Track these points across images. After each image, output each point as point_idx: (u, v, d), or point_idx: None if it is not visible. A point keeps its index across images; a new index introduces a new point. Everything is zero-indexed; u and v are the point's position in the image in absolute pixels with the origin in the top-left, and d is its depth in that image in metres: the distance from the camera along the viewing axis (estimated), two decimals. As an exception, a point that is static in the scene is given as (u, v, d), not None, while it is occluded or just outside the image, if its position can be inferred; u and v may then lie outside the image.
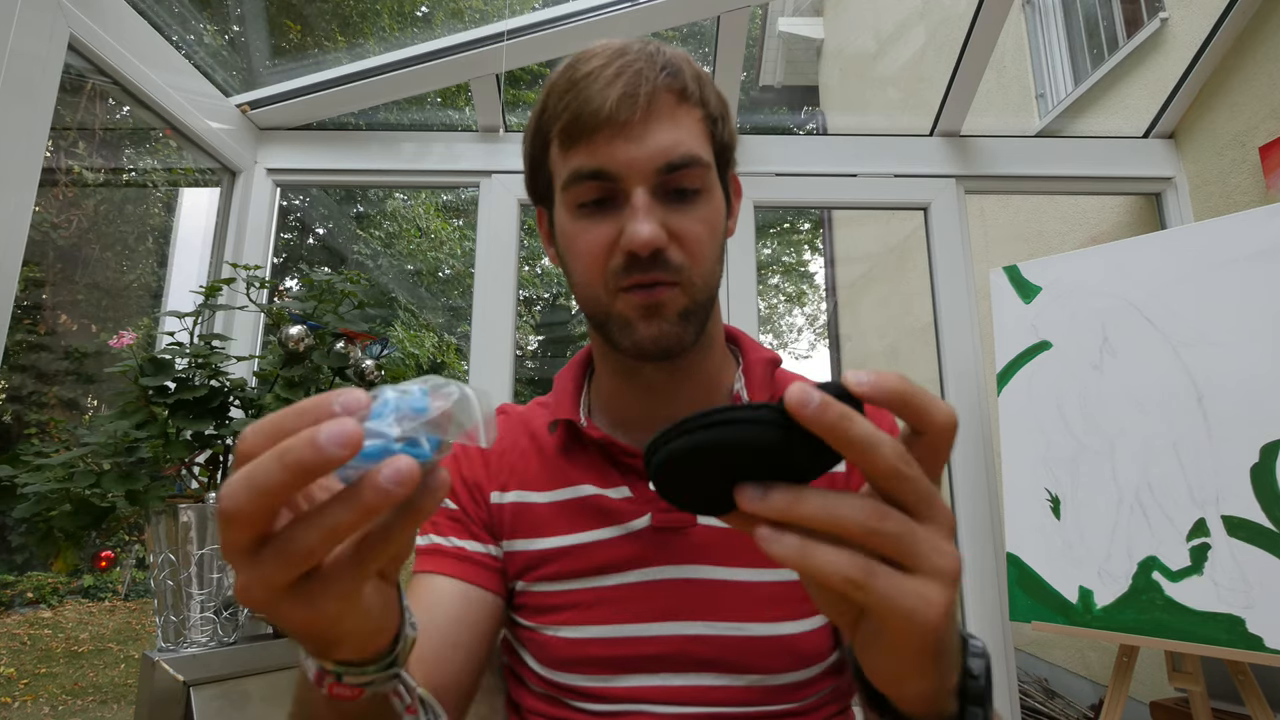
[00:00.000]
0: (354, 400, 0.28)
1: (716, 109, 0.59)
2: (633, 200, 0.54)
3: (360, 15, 4.51)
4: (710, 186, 0.58)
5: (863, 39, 5.81)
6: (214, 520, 1.00)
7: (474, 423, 0.32)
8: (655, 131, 0.54)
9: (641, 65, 0.55)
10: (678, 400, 0.63)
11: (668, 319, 0.56)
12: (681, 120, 0.56)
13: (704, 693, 0.57)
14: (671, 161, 0.54)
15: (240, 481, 0.27)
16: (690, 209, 0.56)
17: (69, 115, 2.49)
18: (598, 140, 0.54)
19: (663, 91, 0.55)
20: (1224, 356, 1.45)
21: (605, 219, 0.56)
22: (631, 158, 0.54)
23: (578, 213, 0.57)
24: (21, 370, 3.29)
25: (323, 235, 5.69)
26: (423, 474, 0.30)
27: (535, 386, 6.37)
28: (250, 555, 0.28)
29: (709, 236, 0.57)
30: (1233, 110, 2.03)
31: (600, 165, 0.54)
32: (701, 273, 0.57)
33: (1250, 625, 1.29)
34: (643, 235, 0.53)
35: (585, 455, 0.65)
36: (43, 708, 3.16)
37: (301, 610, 0.30)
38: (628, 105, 0.53)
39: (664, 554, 0.60)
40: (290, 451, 0.26)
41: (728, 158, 0.61)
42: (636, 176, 0.54)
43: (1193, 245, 1.56)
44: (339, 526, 0.28)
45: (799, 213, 7.99)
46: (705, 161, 0.57)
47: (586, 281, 0.58)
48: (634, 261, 0.54)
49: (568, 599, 0.60)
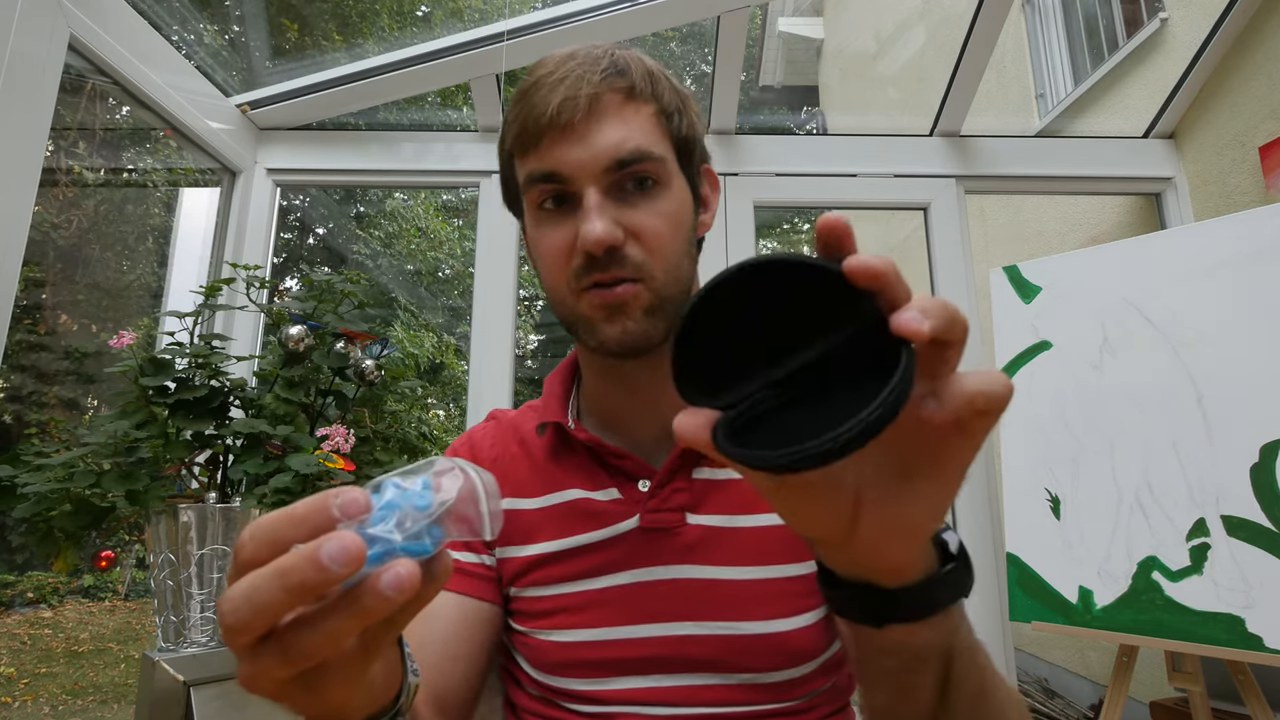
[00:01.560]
0: (353, 503, 0.28)
1: (671, 104, 0.59)
2: (585, 200, 0.55)
3: (360, 15, 4.51)
4: (667, 180, 0.58)
5: (863, 39, 5.81)
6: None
7: (479, 515, 0.31)
8: (600, 131, 0.55)
9: (584, 70, 0.56)
10: (663, 399, 0.63)
11: (632, 317, 0.56)
12: (629, 117, 0.56)
13: (697, 693, 0.57)
14: (620, 158, 0.55)
15: (241, 597, 0.27)
16: (647, 204, 0.56)
17: (69, 115, 2.49)
18: (544, 144, 0.55)
19: (606, 92, 0.56)
20: (1224, 356, 1.45)
21: (563, 222, 0.57)
22: (578, 159, 0.55)
23: (538, 216, 0.59)
24: (21, 370, 3.29)
25: (323, 235, 5.69)
26: (424, 569, 0.29)
27: (535, 386, 6.37)
28: (252, 651, 0.29)
29: (670, 230, 0.57)
30: (1233, 110, 2.03)
31: (549, 168, 0.56)
32: (665, 268, 0.57)
33: (1250, 625, 1.29)
34: (594, 234, 0.53)
35: (573, 458, 0.65)
36: (43, 707, 3.16)
37: (307, 697, 0.31)
38: (569, 108, 0.54)
39: (653, 555, 0.60)
40: (292, 573, 0.26)
41: (690, 151, 0.61)
42: (586, 177, 0.55)
43: (1193, 245, 1.56)
44: (340, 631, 0.28)
45: (799, 212, 7.99)
46: (658, 156, 0.57)
47: (552, 285, 0.59)
48: (592, 261, 0.55)
49: (558, 603, 0.60)
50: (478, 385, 1.85)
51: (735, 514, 0.60)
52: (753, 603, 0.58)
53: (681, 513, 0.60)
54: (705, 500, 0.61)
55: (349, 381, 1.27)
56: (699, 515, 0.60)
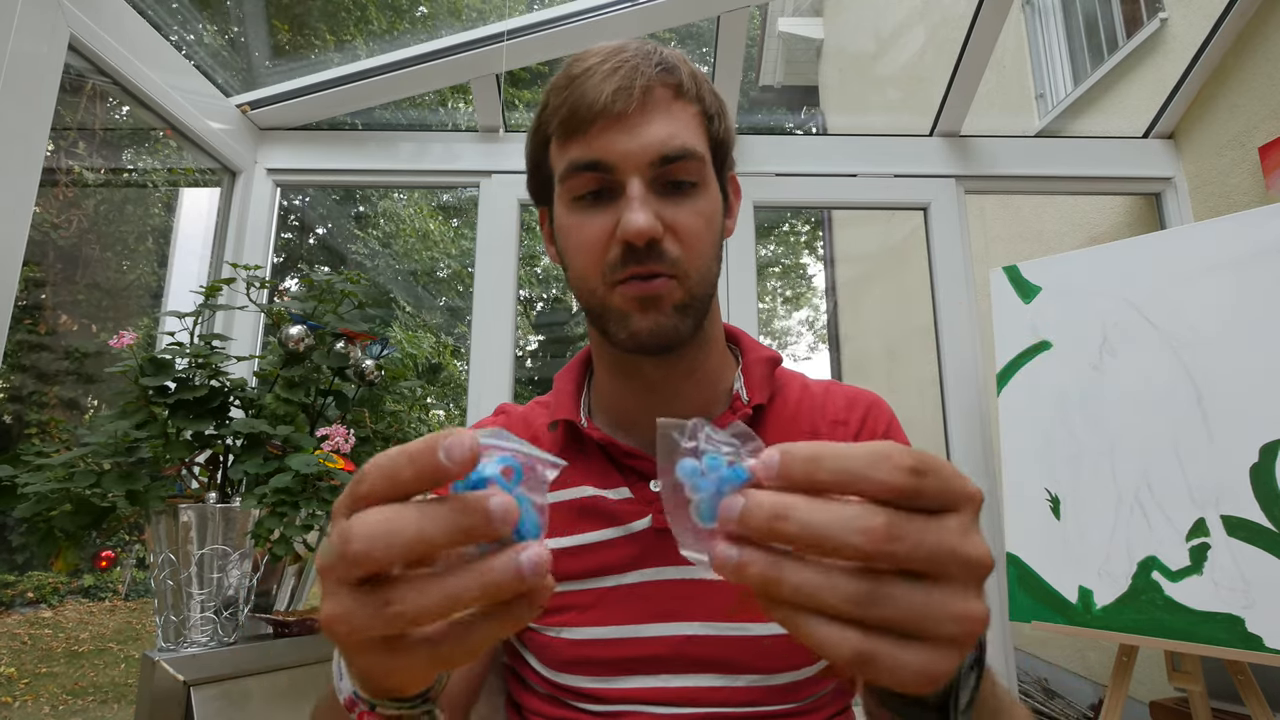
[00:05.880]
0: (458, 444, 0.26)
1: (713, 106, 0.60)
2: (628, 190, 0.55)
3: (348, 13, 4.49)
4: (706, 181, 0.58)
5: (863, 39, 5.81)
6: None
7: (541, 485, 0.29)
8: (651, 124, 0.55)
9: (638, 61, 0.56)
10: (678, 399, 0.63)
11: (664, 312, 0.56)
12: (677, 114, 0.57)
13: (704, 693, 0.57)
14: (667, 154, 0.55)
15: (379, 525, 0.26)
16: (686, 202, 0.57)
17: (69, 115, 2.49)
18: (593, 132, 0.55)
19: (658, 85, 0.56)
20: (1224, 356, 1.45)
21: (602, 211, 0.56)
22: (627, 149, 0.54)
23: (574, 205, 0.58)
24: (21, 370, 3.29)
25: (322, 235, 5.69)
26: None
27: (535, 386, 6.37)
28: (353, 592, 0.27)
29: (706, 230, 0.58)
30: (1232, 110, 2.03)
31: (596, 156, 0.55)
32: (698, 266, 0.57)
33: (1250, 625, 1.29)
34: (638, 224, 0.53)
35: (585, 456, 0.64)
36: (43, 707, 3.15)
37: (383, 662, 0.28)
38: (623, 97, 0.54)
39: (663, 555, 0.60)
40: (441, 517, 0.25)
41: (724, 156, 0.62)
42: (632, 167, 0.55)
43: (1193, 245, 1.56)
44: (459, 599, 0.26)
45: (796, 214, 8.00)
46: (701, 155, 0.57)
47: (583, 274, 0.58)
48: (630, 253, 0.55)
49: (568, 600, 0.60)
50: (477, 385, 1.85)
51: None
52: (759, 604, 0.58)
53: None
54: None
55: (349, 381, 1.27)
56: None
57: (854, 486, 0.26)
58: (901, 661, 0.26)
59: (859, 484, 0.26)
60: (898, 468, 0.26)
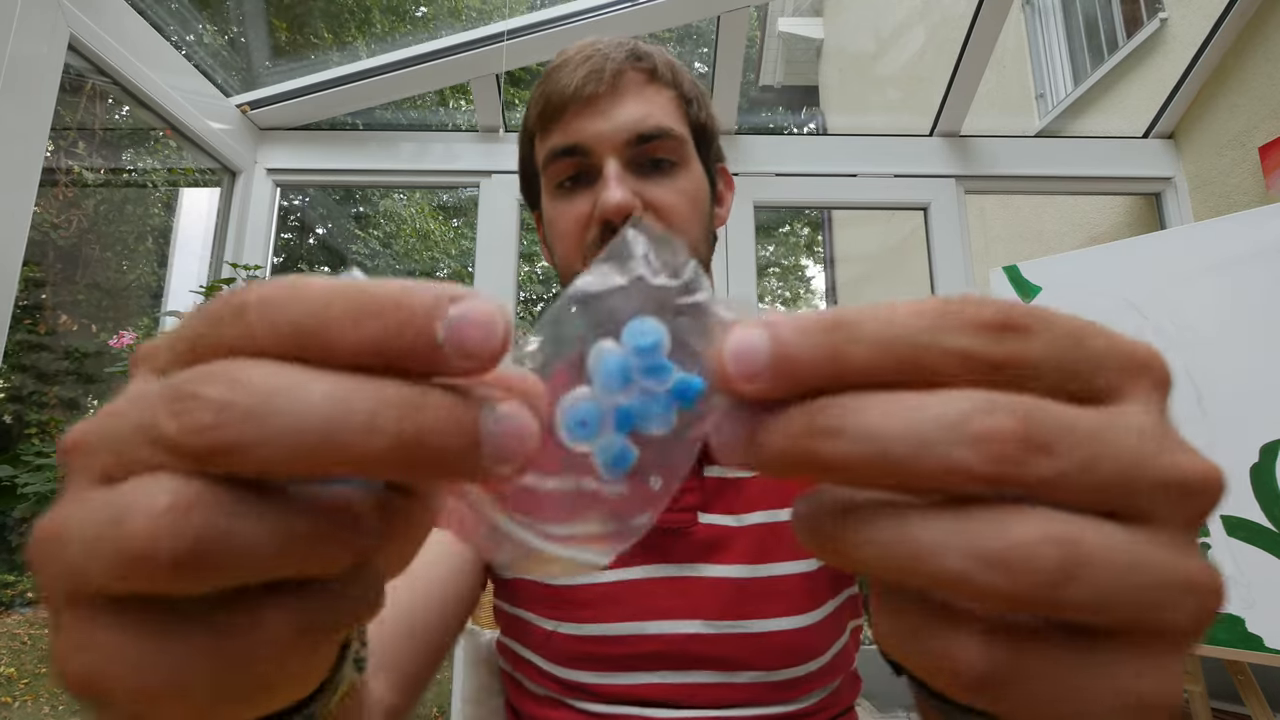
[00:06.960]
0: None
1: (691, 91, 0.61)
2: (605, 170, 0.56)
3: (351, 15, 4.50)
4: (687, 160, 0.59)
5: (863, 39, 5.82)
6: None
7: None
8: (623, 105, 0.56)
9: (609, 50, 0.58)
10: None
11: None
12: (651, 97, 0.58)
13: (704, 690, 0.57)
14: (641, 133, 0.56)
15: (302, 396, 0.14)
16: (666, 180, 0.57)
17: (69, 115, 2.49)
18: (567, 118, 0.56)
19: (629, 69, 0.57)
20: (1224, 356, 1.45)
21: (581, 195, 0.57)
22: (599, 130, 0.56)
23: (556, 193, 0.59)
24: (22, 370, 3.29)
25: (322, 235, 5.69)
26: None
27: (535, 386, 6.35)
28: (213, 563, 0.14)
29: (690, 210, 0.58)
30: (1232, 110, 2.03)
31: (572, 141, 0.56)
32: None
33: (1250, 625, 1.29)
34: (614, 200, 0.54)
35: None
36: (43, 708, 3.15)
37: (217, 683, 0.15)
38: (594, 80, 0.55)
39: (663, 553, 0.60)
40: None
41: (708, 141, 0.62)
42: (608, 148, 0.56)
43: (1192, 245, 1.56)
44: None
45: (796, 217, 8.00)
46: (679, 135, 0.58)
47: (564, 256, 0.59)
48: (610, 231, 0.55)
49: (567, 595, 0.60)
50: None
51: (745, 512, 0.60)
52: (760, 600, 0.58)
53: (693, 512, 0.60)
54: (716, 499, 0.61)
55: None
56: (710, 515, 0.60)
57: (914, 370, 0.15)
58: (1096, 678, 0.14)
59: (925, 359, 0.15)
60: (988, 324, 0.15)
